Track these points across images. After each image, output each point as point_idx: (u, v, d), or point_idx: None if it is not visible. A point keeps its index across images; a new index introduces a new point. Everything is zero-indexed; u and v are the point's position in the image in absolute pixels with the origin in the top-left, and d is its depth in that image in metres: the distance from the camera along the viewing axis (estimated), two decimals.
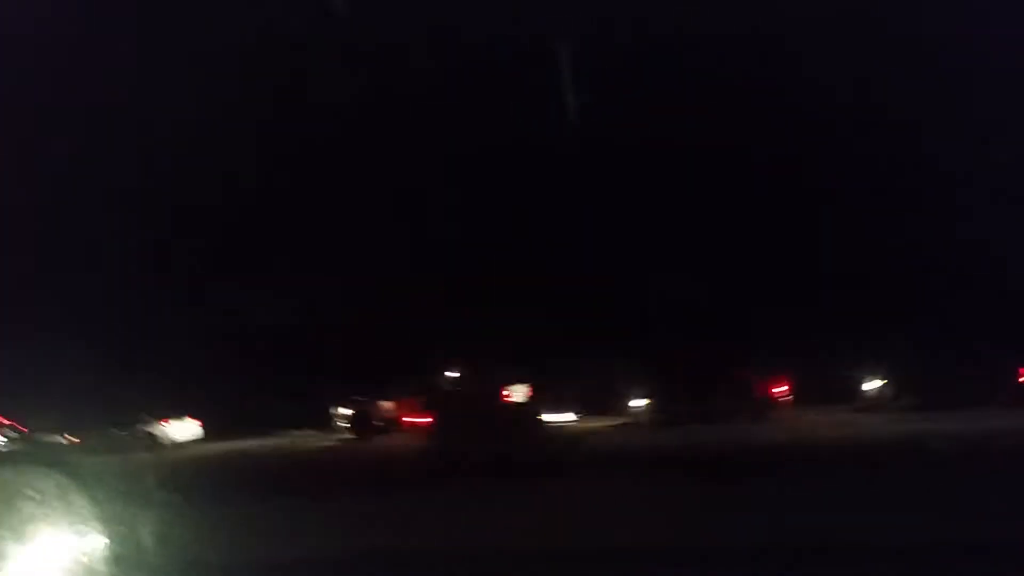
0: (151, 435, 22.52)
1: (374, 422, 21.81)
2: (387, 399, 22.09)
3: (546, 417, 16.77)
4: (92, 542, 5.96)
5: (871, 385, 19.96)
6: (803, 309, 21.95)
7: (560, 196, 23.59)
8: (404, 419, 19.62)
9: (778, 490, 8.85)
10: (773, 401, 20.21)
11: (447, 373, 21.16)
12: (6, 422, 23.55)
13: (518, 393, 18.62)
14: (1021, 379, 18.10)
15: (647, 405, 18.82)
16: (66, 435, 22.68)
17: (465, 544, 7.35)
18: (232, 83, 22.50)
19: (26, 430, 23.47)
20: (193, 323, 25.03)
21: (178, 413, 23.32)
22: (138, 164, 25.54)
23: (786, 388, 20.56)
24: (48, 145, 22.70)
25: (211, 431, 23.89)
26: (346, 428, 22.14)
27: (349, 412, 22.15)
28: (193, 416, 23.66)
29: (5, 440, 22.63)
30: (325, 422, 23.35)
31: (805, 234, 24.61)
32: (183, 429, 23.31)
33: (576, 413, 17.62)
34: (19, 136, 21.18)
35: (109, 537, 6.25)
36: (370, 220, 25.50)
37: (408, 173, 24.33)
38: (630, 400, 19.07)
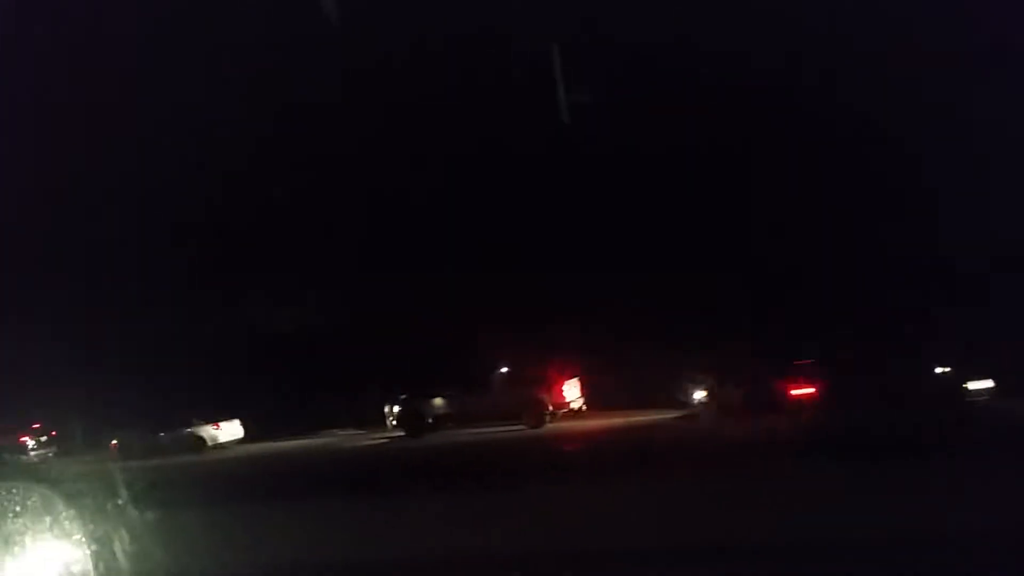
0: (198, 437, 22.23)
1: (426, 419, 20.95)
2: (438, 396, 21.19)
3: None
4: (78, 555, 5.50)
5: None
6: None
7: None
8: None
9: None
10: None
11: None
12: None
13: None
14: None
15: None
16: None
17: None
18: (230, 89, 22.12)
19: (55, 433, 23.52)
20: (237, 324, 24.64)
21: (223, 414, 23.06)
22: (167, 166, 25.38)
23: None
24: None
25: (256, 432, 23.54)
26: (396, 426, 21.35)
27: (399, 409, 21.36)
28: (236, 417, 23.36)
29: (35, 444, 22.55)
30: (372, 420, 22.61)
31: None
32: (227, 431, 23.10)
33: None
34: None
35: (95, 550, 5.75)
36: (399, 219, 24.97)
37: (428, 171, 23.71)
38: None
